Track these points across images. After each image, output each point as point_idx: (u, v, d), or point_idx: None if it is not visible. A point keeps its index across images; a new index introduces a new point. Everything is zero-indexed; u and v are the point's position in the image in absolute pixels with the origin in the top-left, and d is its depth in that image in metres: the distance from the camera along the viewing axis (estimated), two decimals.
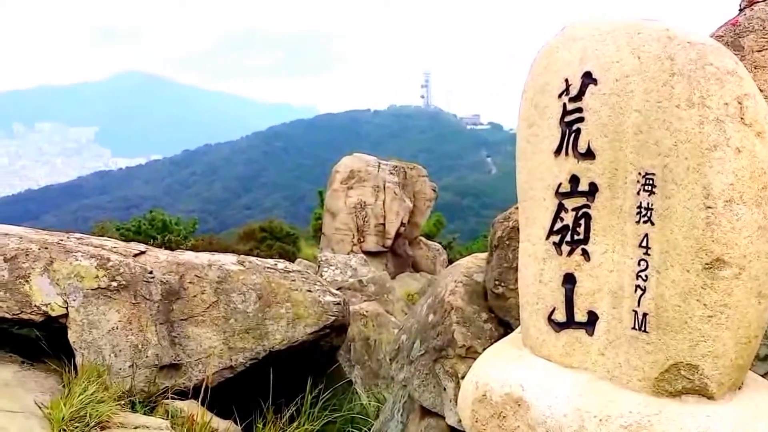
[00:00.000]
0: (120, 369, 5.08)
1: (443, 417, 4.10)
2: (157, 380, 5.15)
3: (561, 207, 2.78)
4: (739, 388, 2.56)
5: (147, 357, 5.15)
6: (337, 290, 6.78)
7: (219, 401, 5.08)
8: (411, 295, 14.51)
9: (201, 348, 5.32)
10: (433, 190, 20.24)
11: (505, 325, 4.09)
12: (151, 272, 5.33)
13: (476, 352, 3.89)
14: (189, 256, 5.87)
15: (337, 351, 6.70)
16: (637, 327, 2.51)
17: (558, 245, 2.80)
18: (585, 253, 2.71)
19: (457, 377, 3.97)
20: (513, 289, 3.89)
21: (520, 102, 3.01)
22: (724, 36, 3.75)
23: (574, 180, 2.70)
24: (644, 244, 2.47)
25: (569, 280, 2.77)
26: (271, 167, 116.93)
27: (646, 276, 2.47)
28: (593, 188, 2.64)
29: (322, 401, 5.39)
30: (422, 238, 20.59)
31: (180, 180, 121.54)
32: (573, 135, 2.68)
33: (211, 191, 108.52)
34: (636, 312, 2.51)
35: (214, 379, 5.25)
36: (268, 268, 5.90)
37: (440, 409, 4.14)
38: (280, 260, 6.61)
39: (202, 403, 4.92)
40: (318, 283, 6.03)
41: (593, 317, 2.70)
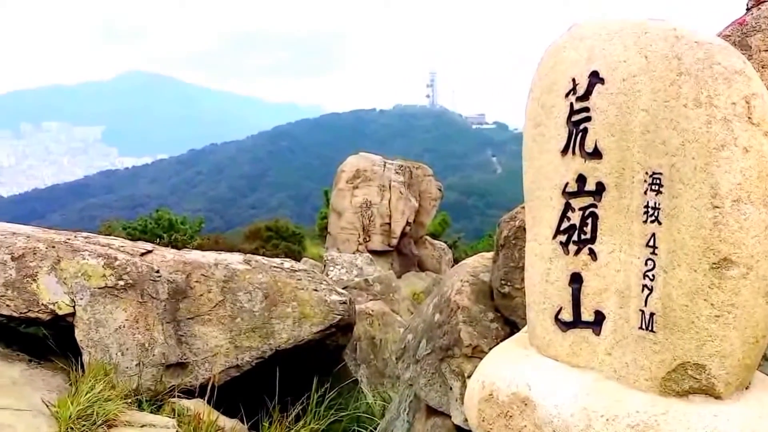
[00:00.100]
0: (127, 367, 5.09)
1: (449, 416, 4.10)
2: (163, 379, 5.16)
3: (568, 206, 2.78)
4: (747, 388, 2.55)
5: (154, 356, 5.16)
6: (343, 289, 6.78)
7: (225, 400, 5.09)
8: (416, 294, 14.51)
9: (207, 347, 5.34)
10: (439, 190, 20.24)
11: (511, 325, 4.09)
12: (157, 271, 5.35)
13: (482, 351, 3.89)
14: (195, 255, 5.88)
15: (342, 350, 6.71)
16: (644, 327, 2.51)
17: (565, 245, 2.80)
18: (592, 252, 2.70)
19: (464, 376, 3.97)
20: (519, 289, 3.89)
21: (527, 101, 3.00)
22: (731, 35, 3.73)
23: (581, 179, 2.70)
24: (651, 243, 2.47)
25: (576, 279, 2.77)
26: (276, 167, 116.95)
27: (653, 275, 2.47)
28: (600, 188, 2.64)
29: (328, 400, 5.40)
30: (428, 238, 20.59)
31: (186, 179, 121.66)
32: (580, 134, 2.68)
33: (217, 190, 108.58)
34: (643, 312, 2.51)
35: (221, 378, 5.26)
36: (274, 267, 5.92)
37: (446, 408, 4.14)
38: (287, 259, 6.62)
39: (208, 402, 4.93)
40: (324, 283, 6.04)
41: (600, 317, 2.70)
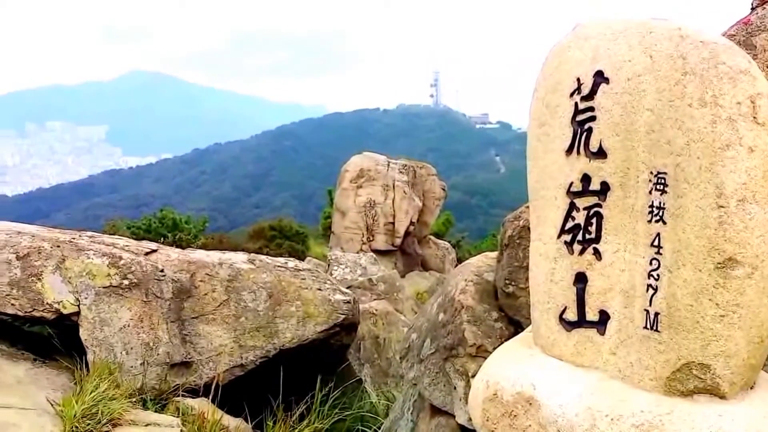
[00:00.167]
0: (131, 367, 5.11)
1: (453, 415, 4.10)
2: (168, 378, 5.17)
3: (572, 206, 2.77)
4: (751, 388, 2.55)
5: (158, 355, 5.17)
6: (347, 289, 6.78)
7: (229, 399, 5.09)
8: (420, 294, 14.51)
9: (212, 346, 5.35)
10: (443, 189, 20.23)
11: (515, 324, 4.09)
12: (162, 270, 5.36)
13: (487, 350, 3.89)
14: (200, 254, 5.89)
15: (346, 349, 6.71)
16: (648, 326, 2.50)
17: (569, 244, 2.80)
18: (596, 252, 2.70)
19: (468, 376, 3.97)
20: (523, 288, 3.89)
21: (531, 101, 3.00)
22: (736, 35, 3.72)
23: (586, 179, 2.70)
24: (656, 243, 2.46)
25: (580, 279, 2.77)
26: (280, 166, 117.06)
27: (658, 275, 2.47)
28: (605, 187, 2.63)
29: (332, 399, 5.40)
30: (431, 237, 20.58)
31: (190, 179, 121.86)
32: (585, 134, 2.68)
33: (220, 190, 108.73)
34: (648, 311, 2.51)
35: (225, 377, 5.27)
36: (278, 266, 5.92)
37: (450, 407, 4.14)
38: (291, 259, 6.63)
39: (212, 401, 4.94)
40: (328, 282, 6.04)
41: (605, 316, 2.70)
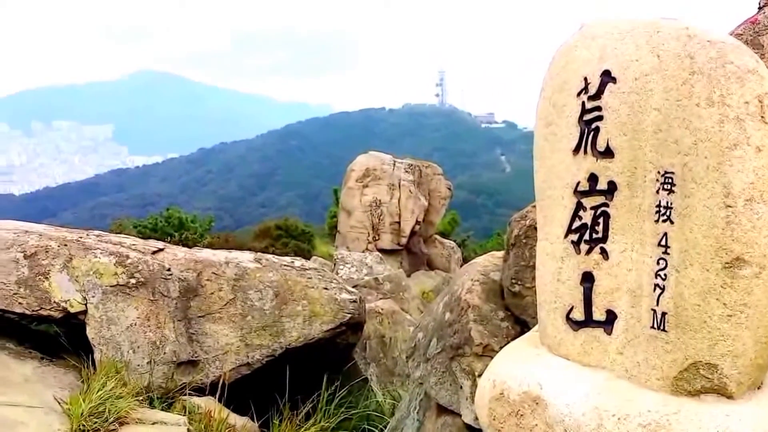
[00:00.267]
0: (138, 365, 5.12)
1: (460, 415, 4.10)
2: (174, 377, 5.19)
3: (579, 205, 2.77)
4: (759, 388, 2.54)
5: (165, 353, 5.19)
6: (353, 288, 6.79)
7: (236, 398, 5.11)
8: (426, 293, 14.52)
9: (218, 345, 5.36)
10: (448, 188, 20.23)
11: (521, 324, 4.09)
12: (169, 269, 5.37)
13: (493, 350, 3.89)
14: (206, 253, 5.90)
15: (352, 348, 6.72)
16: (655, 326, 2.50)
17: (576, 244, 2.80)
18: (603, 251, 2.70)
19: (474, 375, 3.97)
20: (530, 288, 3.88)
21: (538, 100, 3.00)
22: (743, 34, 3.71)
23: (593, 178, 2.69)
24: (663, 242, 2.46)
25: (587, 278, 2.77)
26: (286, 165, 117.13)
27: (665, 275, 2.46)
28: (612, 187, 2.63)
29: (338, 398, 5.41)
30: (437, 236, 20.60)
31: (196, 178, 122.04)
32: (592, 133, 2.67)
33: (226, 189, 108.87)
34: (655, 311, 2.50)
35: (231, 376, 5.28)
36: (284, 265, 5.93)
37: (457, 406, 4.15)
38: (297, 258, 6.64)
39: (219, 400, 4.95)
40: (334, 281, 6.05)
41: (612, 316, 2.70)
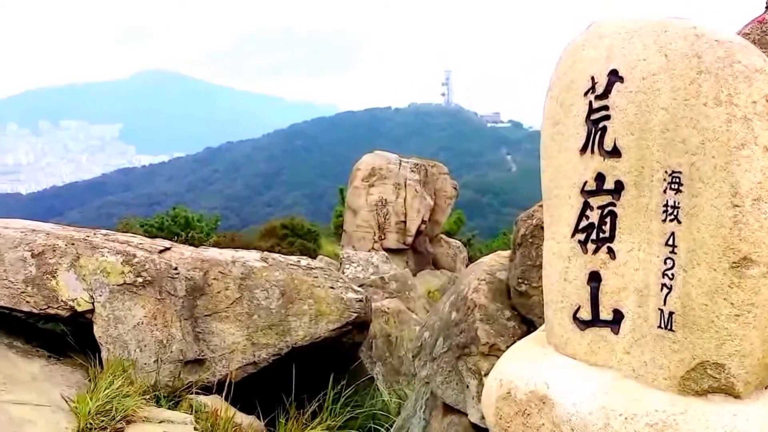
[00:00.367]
0: (145, 364, 5.14)
1: (466, 414, 4.11)
2: (181, 375, 5.20)
3: (586, 205, 2.77)
4: (766, 387, 2.54)
5: (171, 352, 5.20)
6: (359, 287, 6.79)
7: (242, 396, 5.12)
8: (432, 292, 14.53)
9: (225, 344, 5.37)
10: (454, 188, 20.22)
11: (528, 323, 4.09)
12: (175, 268, 5.38)
13: (499, 349, 3.89)
14: (213, 252, 5.91)
15: (358, 348, 6.73)
16: (663, 326, 2.49)
17: (583, 243, 2.80)
18: (610, 251, 2.69)
19: (480, 374, 3.97)
20: (536, 287, 3.88)
21: (545, 100, 3.00)
22: (750, 33, 3.70)
23: (600, 178, 2.69)
24: (670, 242, 2.45)
25: (594, 278, 2.77)
26: (292, 165, 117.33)
27: (673, 274, 2.45)
28: (619, 186, 2.63)
29: (344, 397, 5.41)
30: (443, 236, 20.59)
31: (202, 177, 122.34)
32: (599, 133, 2.67)
33: (233, 188, 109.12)
34: (662, 310, 2.50)
35: (238, 375, 5.29)
36: (291, 264, 5.93)
37: (463, 406, 4.15)
38: (303, 257, 6.65)
39: (225, 399, 4.96)
40: (340, 280, 6.05)
41: (619, 315, 2.69)
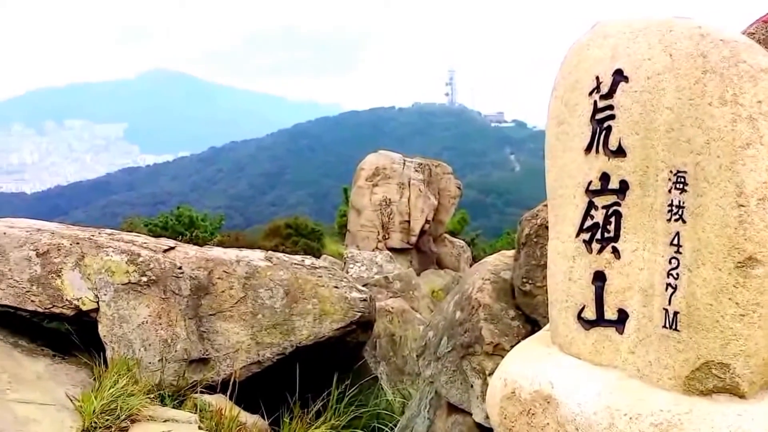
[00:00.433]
0: (149, 363, 5.15)
1: (470, 413, 4.11)
2: (185, 374, 5.21)
3: (591, 205, 2.77)
4: None
5: (176, 351, 5.21)
6: (363, 287, 6.79)
7: (246, 396, 5.12)
8: (435, 292, 14.51)
9: (229, 343, 5.37)
10: (458, 188, 20.21)
11: (532, 323, 4.09)
12: (180, 268, 5.39)
13: (504, 349, 3.89)
14: (217, 252, 5.92)
15: (362, 347, 6.72)
16: (667, 325, 2.49)
17: (588, 243, 2.80)
18: (615, 250, 2.70)
19: (485, 374, 3.97)
20: (540, 287, 3.88)
21: (550, 99, 3.00)
22: (755, 33, 3.69)
23: (605, 178, 2.69)
24: (675, 242, 2.45)
25: (599, 277, 2.77)
26: (296, 164, 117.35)
27: (677, 274, 2.46)
28: (624, 186, 2.63)
29: (348, 397, 5.41)
30: (447, 235, 20.59)
31: (206, 176, 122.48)
32: (604, 132, 2.67)
33: (237, 188, 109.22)
34: (667, 310, 2.50)
35: (242, 374, 5.29)
36: (295, 264, 5.93)
37: (467, 405, 4.15)
38: (307, 256, 6.64)
39: (230, 398, 4.97)
40: (344, 280, 6.05)
41: (623, 315, 2.69)
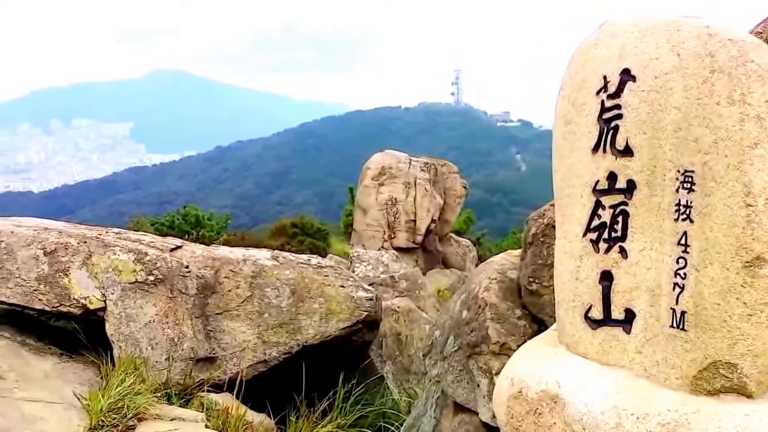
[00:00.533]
0: (156, 362, 5.16)
1: (477, 413, 4.11)
2: (192, 373, 5.22)
3: (598, 204, 2.77)
4: None
5: (183, 350, 5.22)
6: (369, 286, 6.80)
7: (253, 395, 5.14)
8: (441, 291, 14.52)
9: (235, 342, 5.39)
10: (464, 187, 20.21)
11: (539, 322, 4.09)
12: (187, 267, 5.40)
13: (510, 348, 3.89)
14: (224, 251, 5.93)
15: (368, 346, 6.73)
16: (675, 325, 2.49)
17: (595, 242, 2.79)
18: (622, 250, 2.69)
19: (491, 373, 3.97)
20: (547, 286, 3.88)
21: (557, 99, 2.99)
22: (763, 33, 3.68)
23: (612, 177, 2.69)
24: (683, 241, 2.45)
25: (606, 277, 2.76)
26: (302, 164, 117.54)
27: (685, 274, 2.45)
28: (631, 185, 2.62)
29: (355, 396, 5.42)
30: (452, 235, 20.59)
31: (213, 176, 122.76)
32: (611, 132, 2.67)
33: (243, 187, 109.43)
34: (674, 310, 2.49)
35: (249, 373, 5.31)
36: (301, 263, 5.95)
37: (474, 405, 4.15)
38: (313, 256, 6.66)
39: (236, 397, 4.98)
40: (351, 279, 6.06)
41: (630, 315, 2.69)
